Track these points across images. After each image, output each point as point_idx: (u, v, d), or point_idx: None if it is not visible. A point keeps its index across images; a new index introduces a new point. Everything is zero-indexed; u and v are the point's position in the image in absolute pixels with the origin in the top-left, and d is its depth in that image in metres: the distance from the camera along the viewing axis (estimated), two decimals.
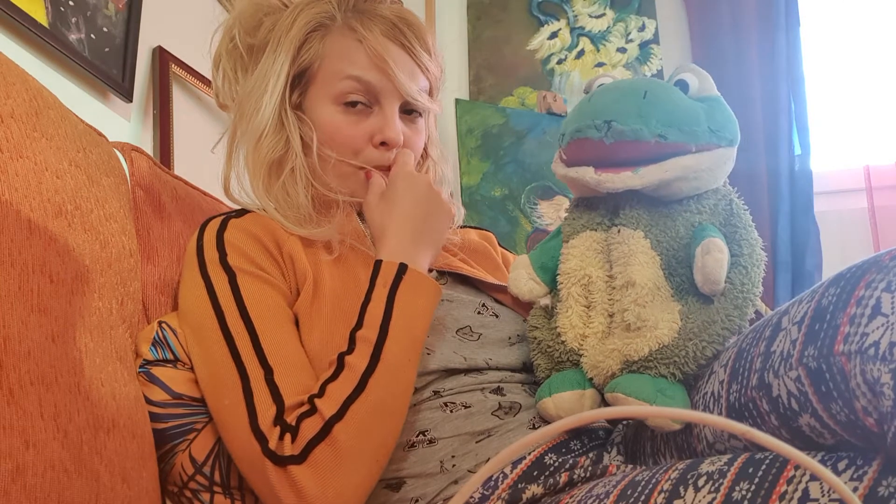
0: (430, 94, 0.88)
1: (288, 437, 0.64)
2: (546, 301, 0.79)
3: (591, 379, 0.71)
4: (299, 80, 0.84)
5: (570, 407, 0.71)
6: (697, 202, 0.71)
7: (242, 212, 0.83)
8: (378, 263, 0.74)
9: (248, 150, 0.83)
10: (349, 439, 0.64)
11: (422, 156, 0.91)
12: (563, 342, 0.73)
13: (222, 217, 0.81)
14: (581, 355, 0.72)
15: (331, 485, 0.63)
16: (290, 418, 0.65)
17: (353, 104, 0.82)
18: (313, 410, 0.65)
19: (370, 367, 0.67)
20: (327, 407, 0.65)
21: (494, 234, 1.06)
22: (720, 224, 0.72)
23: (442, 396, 0.73)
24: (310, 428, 0.64)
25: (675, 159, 0.68)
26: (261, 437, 0.64)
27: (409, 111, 0.86)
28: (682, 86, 0.73)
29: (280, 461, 0.63)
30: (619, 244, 0.72)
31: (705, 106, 0.71)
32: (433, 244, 0.79)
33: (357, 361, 0.67)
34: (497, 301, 0.86)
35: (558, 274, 0.76)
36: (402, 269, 0.73)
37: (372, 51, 0.81)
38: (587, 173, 0.71)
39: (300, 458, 0.63)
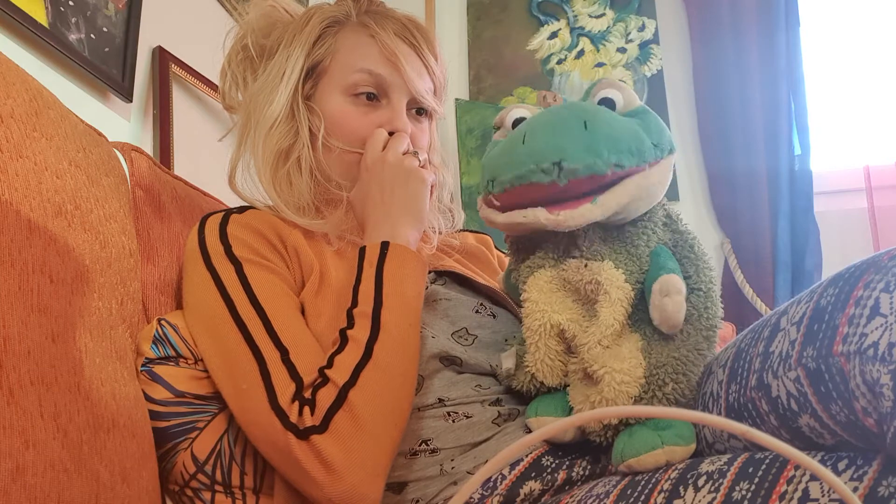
0: (435, 97, 0.91)
1: (307, 409, 0.65)
2: (510, 364, 0.73)
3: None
4: (311, 74, 0.88)
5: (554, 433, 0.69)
6: (650, 219, 0.69)
7: (242, 208, 0.85)
8: (362, 250, 0.77)
9: (258, 138, 0.84)
10: (365, 405, 0.65)
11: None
12: (547, 388, 0.71)
13: (222, 213, 0.82)
14: (567, 386, 0.69)
15: (355, 451, 0.64)
16: (307, 393, 0.67)
17: (364, 96, 0.86)
18: (326, 380, 0.67)
19: (372, 335, 0.69)
20: (339, 375, 0.67)
21: (492, 235, 1.07)
22: (667, 240, 0.69)
23: (446, 406, 0.74)
24: (326, 397, 0.66)
25: (626, 181, 0.64)
26: (281, 414, 0.65)
27: (415, 111, 0.89)
28: (609, 104, 0.68)
29: (302, 434, 0.64)
30: (590, 282, 0.66)
31: (638, 120, 0.67)
32: (411, 211, 0.80)
33: (359, 334, 0.70)
34: (494, 303, 0.87)
35: (524, 328, 0.69)
36: (385, 246, 0.76)
37: (384, 46, 0.85)
38: (539, 215, 0.65)
39: (321, 428, 0.64)
